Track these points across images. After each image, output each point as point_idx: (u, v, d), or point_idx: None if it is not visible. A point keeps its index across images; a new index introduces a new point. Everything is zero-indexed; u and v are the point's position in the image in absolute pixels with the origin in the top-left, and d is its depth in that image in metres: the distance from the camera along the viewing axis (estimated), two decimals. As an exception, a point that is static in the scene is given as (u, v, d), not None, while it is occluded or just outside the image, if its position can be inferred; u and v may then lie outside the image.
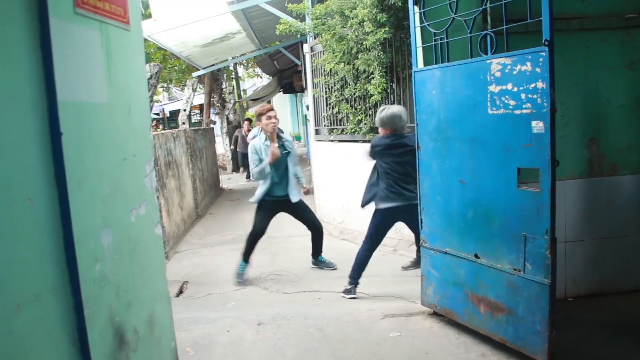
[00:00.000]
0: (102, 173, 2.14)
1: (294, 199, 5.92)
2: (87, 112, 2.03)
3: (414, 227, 5.00)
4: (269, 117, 5.86)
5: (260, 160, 5.79)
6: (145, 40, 10.84)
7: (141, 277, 2.48)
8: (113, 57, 2.27)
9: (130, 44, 2.50)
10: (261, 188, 5.91)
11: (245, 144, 12.80)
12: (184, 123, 11.07)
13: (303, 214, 6.19)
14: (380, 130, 5.14)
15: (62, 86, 1.80)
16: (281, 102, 26.65)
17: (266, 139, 5.86)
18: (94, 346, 1.92)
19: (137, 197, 2.50)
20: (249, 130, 13.69)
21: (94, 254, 2.03)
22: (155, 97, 27.57)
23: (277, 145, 5.80)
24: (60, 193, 1.79)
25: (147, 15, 11.53)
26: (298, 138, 25.27)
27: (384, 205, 5.04)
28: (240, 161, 16.39)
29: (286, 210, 6.13)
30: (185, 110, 11.51)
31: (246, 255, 6.07)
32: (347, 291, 5.15)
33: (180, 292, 5.83)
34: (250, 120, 15.18)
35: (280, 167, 5.87)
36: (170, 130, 10.16)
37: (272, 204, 5.98)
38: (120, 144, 2.34)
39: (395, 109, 5.05)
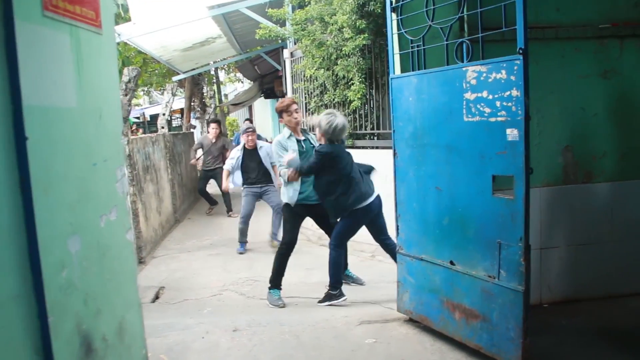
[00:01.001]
0: (70, 178, 2.10)
1: None
2: (55, 117, 1.99)
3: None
4: (290, 113, 5.32)
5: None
6: (125, 44, 10.77)
7: (111, 284, 2.44)
8: (84, 61, 2.23)
9: (102, 48, 2.47)
10: (292, 188, 5.25)
11: (215, 157, 10.74)
12: (163, 127, 10.93)
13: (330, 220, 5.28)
14: (323, 139, 4.94)
15: (28, 90, 1.76)
16: (262, 107, 26.54)
17: (290, 135, 5.35)
18: (58, 355, 1.88)
19: (108, 203, 2.46)
20: (216, 136, 10.81)
21: (61, 261, 1.99)
22: (135, 101, 27.38)
23: (295, 151, 5.22)
24: (25, 199, 1.75)
25: (127, 19, 11.42)
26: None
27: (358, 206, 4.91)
28: (200, 185, 11.22)
29: (313, 214, 5.49)
30: (164, 114, 11.35)
31: (276, 280, 5.33)
32: (334, 296, 5.05)
33: (157, 297, 5.77)
34: (218, 122, 11.33)
35: None
36: (149, 135, 10.06)
37: (302, 208, 5.35)
38: (90, 149, 2.31)
39: (340, 120, 4.87)
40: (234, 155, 7.95)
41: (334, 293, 5.07)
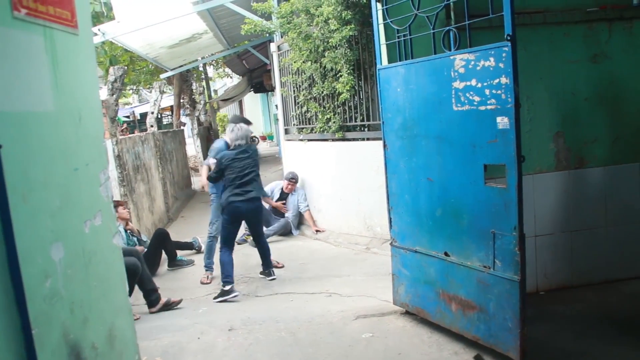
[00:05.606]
0: (50, 185, 2.04)
1: None
2: (30, 122, 1.93)
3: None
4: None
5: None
6: (111, 42, 10.63)
7: (98, 291, 2.38)
8: (60, 63, 2.17)
9: (79, 49, 2.40)
10: None
11: None
12: (152, 126, 10.84)
13: None
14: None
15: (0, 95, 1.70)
16: (253, 101, 26.52)
17: None
18: (45, 367, 1.83)
19: (92, 208, 2.40)
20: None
21: (44, 270, 1.93)
22: (125, 100, 27.14)
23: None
24: (2, 208, 1.69)
25: (111, 17, 11.29)
26: (270, 137, 25.24)
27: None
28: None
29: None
30: (153, 112, 11.26)
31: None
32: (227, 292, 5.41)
33: (151, 299, 5.70)
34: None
35: None
36: (139, 134, 9.97)
37: None
38: (70, 153, 2.24)
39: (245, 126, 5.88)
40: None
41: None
